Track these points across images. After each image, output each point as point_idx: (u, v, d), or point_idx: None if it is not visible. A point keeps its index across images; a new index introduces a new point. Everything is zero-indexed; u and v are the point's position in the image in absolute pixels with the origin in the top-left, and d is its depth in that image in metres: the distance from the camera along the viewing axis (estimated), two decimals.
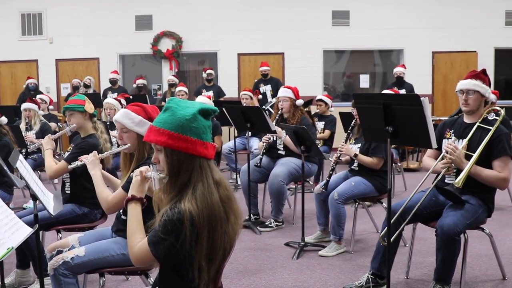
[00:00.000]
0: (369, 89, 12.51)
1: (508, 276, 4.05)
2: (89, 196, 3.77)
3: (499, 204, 5.88)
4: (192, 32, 12.02)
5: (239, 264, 4.46)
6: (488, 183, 3.59)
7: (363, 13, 12.01)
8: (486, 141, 3.59)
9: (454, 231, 3.39)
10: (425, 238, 4.88)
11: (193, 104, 2.11)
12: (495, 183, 3.59)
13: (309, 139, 4.70)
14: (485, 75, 3.80)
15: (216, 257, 2.05)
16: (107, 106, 7.18)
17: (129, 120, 3.06)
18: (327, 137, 7.65)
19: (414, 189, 3.70)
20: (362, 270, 4.18)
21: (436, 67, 12.20)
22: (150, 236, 2.03)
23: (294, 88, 5.73)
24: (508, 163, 3.59)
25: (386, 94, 4.43)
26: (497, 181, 3.58)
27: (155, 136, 2.07)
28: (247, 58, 12.19)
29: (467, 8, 12.01)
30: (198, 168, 2.05)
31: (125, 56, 12.59)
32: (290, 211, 6.06)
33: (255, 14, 11.99)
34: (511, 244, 4.90)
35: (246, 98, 8.25)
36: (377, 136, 3.47)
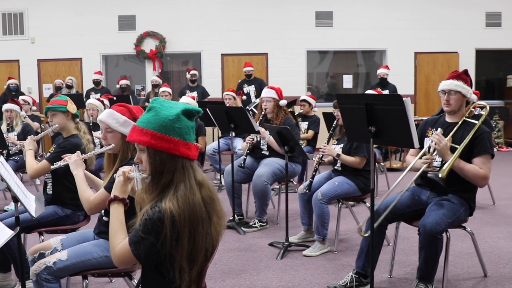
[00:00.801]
0: (352, 90, 12.59)
1: (489, 274, 4.10)
2: (71, 197, 3.74)
3: (480, 203, 5.95)
4: (176, 32, 11.99)
5: (223, 264, 4.46)
6: (468, 178, 3.63)
7: (346, 14, 12.08)
8: (471, 134, 3.64)
9: (436, 230, 3.42)
10: (408, 237, 4.91)
11: (177, 104, 2.11)
12: (475, 179, 3.62)
13: (293, 139, 4.70)
14: (466, 75, 3.85)
15: (197, 258, 2.04)
16: (90, 107, 7.13)
17: (114, 120, 3.04)
18: (311, 137, 7.67)
19: (398, 188, 3.72)
20: (346, 270, 4.20)
21: (418, 68, 12.32)
22: (131, 235, 2.02)
23: (278, 88, 5.73)
24: (489, 162, 3.64)
25: (369, 94, 4.46)
26: (477, 178, 3.61)
27: (138, 136, 2.06)
28: (231, 59, 12.18)
29: (448, 9, 12.16)
30: (181, 168, 2.05)
31: (108, 57, 12.51)
32: (274, 211, 6.07)
33: (238, 15, 12.00)
34: (492, 242, 4.96)
35: (230, 99, 8.26)
36: (360, 136, 3.49)
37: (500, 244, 4.90)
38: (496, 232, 5.31)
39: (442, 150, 3.61)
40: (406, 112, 3.03)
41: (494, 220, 5.77)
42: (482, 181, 3.64)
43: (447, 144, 3.63)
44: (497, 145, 12.10)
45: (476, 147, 3.65)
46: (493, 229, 5.43)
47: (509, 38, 12.33)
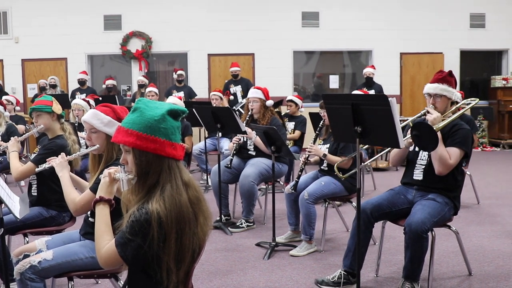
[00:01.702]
0: (339, 90, 12.64)
1: (473, 272, 4.14)
2: (56, 198, 3.71)
3: (465, 202, 6.01)
4: (162, 32, 11.95)
5: (210, 265, 4.45)
6: (437, 160, 3.65)
7: (332, 15, 12.13)
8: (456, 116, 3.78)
9: (422, 229, 3.45)
10: (394, 236, 4.94)
11: (162, 104, 2.10)
12: (440, 162, 3.64)
13: (279, 139, 4.71)
14: (451, 76, 3.90)
15: (185, 258, 2.04)
16: (75, 107, 7.07)
17: (98, 120, 3.02)
18: (297, 138, 7.68)
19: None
20: (333, 269, 4.21)
21: (404, 68, 12.40)
22: (117, 237, 2.01)
23: (264, 88, 5.74)
24: (458, 155, 3.68)
25: (355, 95, 4.48)
26: (444, 164, 3.64)
27: (123, 136, 2.05)
28: (217, 59, 12.17)
29: (433, 11, 12.26)
30: (167, 169, 2.04)
31: (94, 57, 12.43)
32: (261, 211, 6.08)
33: (225, 15, 11.98)
34: (477, 241, 5.01)
35: (216, 99, 8.25)
36: (346, 136, 3.50)
37: (485, 243, 4.95)
38: (481, 231, 5.36)
39: (434, 120, 3.68)
40: (392, 112, 3.05)
41: (478, 219, 5.83)
42: (444, 169, 3.66)
43: (439, 116, 3.72)
44: (481, 145, 12.21)
45: (449, 137, 3.71)
46: (477, 228, 5.48)
47: (493, 39, 12.47)
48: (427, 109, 3.81)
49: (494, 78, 12.51)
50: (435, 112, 3.75)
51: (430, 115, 3.73)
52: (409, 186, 3.94)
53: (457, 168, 3.77)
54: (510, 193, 7.22)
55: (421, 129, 3.47)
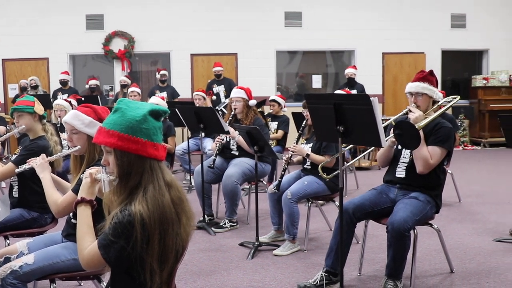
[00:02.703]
0: (322, 89, 12.69)
1: (455, 269, 4.19)
2: (38, 200, 3.67)
3: (446, 201, 6.06)
4: (145, 32, 11.89)
5: (193, 265, 4.44)
6: (418, 159, 3.68)
7: (315, 15, 12.17)
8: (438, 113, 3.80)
9: (404, 228, 3.47)
10: (376, 235, 4.97)
11: (143, 105, 2.09)
12: (421, 162, 3.68)
13: (262, 139, 4.72)
14: (432, 76, 3.94)
15: (168, 259, 2.03)
16: (58, 108, 7.00)
17: (79, 121, 3.00)
18: (280, 137, 7.70)
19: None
20: (316, 268, 4.22)
21: (386, 68, 12.49)
22: (100, 239, 1.99)
23: (247, 88, 5.74)
24: (439, 154, 3.72)
25: (337, 94, 4.50)
26: (424, 162, 3.67)
27: (105, 137, 2.03)
28: (200, 59, 12.14)
29: (415, 11, 12.37)
30: (149, 169, 2.03)
31: (76, 56, 12.33)
32: (244, 211, 6.08)
33: (208, 15, 11.96)
34: (458, 238, 5.07)
35: (199, 99, 8.23)
36: (329, 135, 3.52)
37: (466, 240, 5.00)
38: (462, 228, 5.43)
39: (416, 119, 3.71)
40: (374, 112, 3.07)
41: (460, 217, 5.89)
42: (425, 168, 3.70)
43: (421, 114, 3.76)
44: (462, 144, 12.35)
45: (431, 135, 3.75)
46: (459, 225, 5.54)
47: (473, 39, 12.62)
48: (409, 108, 3.84)
49: (474, 77, 12.65)
50: (417, 110, 3.79)
51: (412, 113, 3.77)
52: (391, 184, 3.97)
53: (439, 167, 3.81)
54: (490, 191, 7.31)
55: (403, 128, 3.50)
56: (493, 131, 12.01)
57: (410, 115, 3.78)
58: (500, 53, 12.74)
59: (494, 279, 4.01)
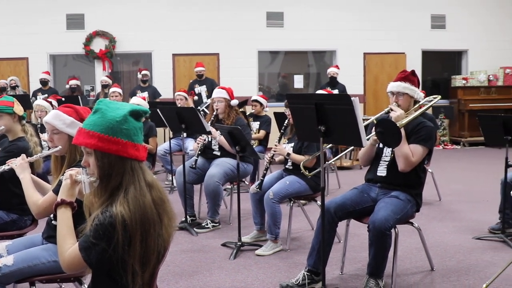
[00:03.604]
0: (303, 89, 12.74)
1: (436, 267, 4.24)
2: (17, 202, 3.62)
3: (427, 199, 6.12)
4: (126, 32, 11.81)
5: (176, 266, 4.43)
6: (400, 157, 3.72)
7: (297, 15, 12.20)
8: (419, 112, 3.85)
9: (385, 226, 3.50)
10: (358, 234, 5.00)
11: (124, 105, 2.08)
12: (404, 161, 3.71)
13: (244, 139, 4.72)
14: (414, 76, 3.99)
15: (150, 260, 2.02)
16: (38, 108, 6.93)
17: (60, 121, 2.97)
18: (262, 137, 7.71)
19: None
20: (299, 268, 4.24)
21: (367, 68, 12.57)
22: (81, 241, 1.97)
23: (229, 88, 5.74)
24: (420, 153, 3.75)
25: (318, 94, 4.52)
26: (405, 160, 3.71)
27: (85, 138, 2.02)
28: (182, 59, 12.11)
29: (396, 11, 12.48)
30: (130, 170, 2.02)
31: (56, 56, 12.20)
32: (226, 211, 6.07)
33: (189, 15, 11.93)
34: (438, 237, 5.12)
35: (181, 99, 8.21)
36: (310, 135, 3.53)
37: (446, 239, 5.06)
38: (442, 227, 5.49)
39: (398, 117, 3.75)
40: (355, 112, 3.09)
41: (440, 216, 5.95)
42: (407, 166, 3.73)
43: (403, 113, 3.79)
44: (442, 143, 12.48)
45: (413, 135, 3.79)
46: (439, 224, 5.60)
47: (453, 40, 12.76)
48: (390, 106, 3.88)
49: (454, 77, 12.80)
50: (399, 109, 3.83)
51: (394, 112, 3.81)
52: (372, 182, 4.00)
53: (420, 166, 3.85)
54: (470, 190, 7.40)
55: (385, 126, 3.53)
56: (472, 131, 12.16)
57: (391, 114, 3.83)
58: (479, 53, 12.91)
59: (473, 276, 4.06)
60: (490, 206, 5.94)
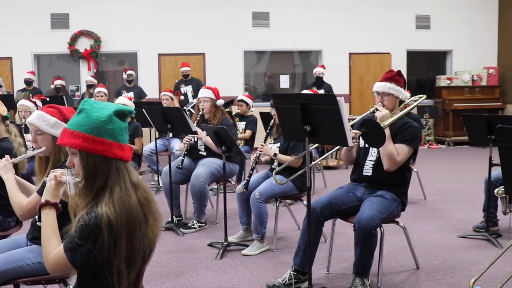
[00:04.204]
0: (289, 89, 12.76)
1: (421, 266, 4.27)
2: (1, 203, 3.58)
3: (412, 198, 6.16)
4: (111, 31, 11.74)
5: (162, 267, 4.41)
6: (386, 157, 3.74)
7: (283, 15, 12.22)
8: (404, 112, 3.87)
9: (371, 225, 3.52)
10: (344, 233, 5.02)
11: (108, 105, 2.07)
12: (389, 160, 3.73)
13: (230, 139, 4.72)
14: (400, 76, 4.01)
15: (135, 261, 2.01)
16: (22, 108, 6.86)
17: (44, 122, 2.95)
18: (248, 137, 7.71)
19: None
20: (285, 267, 4.24)
21: (353, 68, 12.62)
22: (66, 242, 1.96)
23: (215, 88, 5.73)
24: (405, 152, 3.78)
25: (304, 94, 4.53)
26: (392, 161, 3.73)
27: (69, 139, 2.00)
28: (168, 59, 12.06)
29: (381, 11, 12.55)
30: (115, 170, 2.01)
31: (41, 56, 12.09)
32: (212, 211, 6.07)
33: (175, 14, 11.89)
34: (424, 236, 5.16)
35: (167, 99, 8.18)
36: (296, 135, 3.54)
37: (431, 237, 5.10)
38: (427, 226, 5.53)
39: (383, 117, 3.76)
40: (340, 112, 3.10)
41: (425, 215, 6.00)
42: (392, 165, 3.75)
43: (388, 113, 3.81)
44: (427, 143, 12.57)
45: (399, 135, 3.81)
46: (424, 223, 5.64)
47: (437, 40, 12.87)
48: (376, 107, 3.90)
49: (439, 77, 12.91)
50: (384, 109, 3.85)
51: (379, 112, 3.83)
52: (358, 182, 4.02)
53: (405, 165, 3.88)
54: (455, 189, 7.47)
55: (369, 126, 3.55)
56: (457, 130, 12.28)
57: (376, 114, 3.84)
58: (463, 54, 13.03)
59: (458, 274, 4.10)
60: (475, 205, 6.00)
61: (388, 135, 3.72)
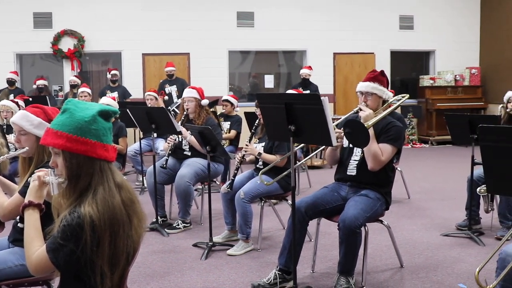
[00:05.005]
0: (274, 89, 12.77)
1: (405, 264, 4.31)
2: None
3: (396, 197, 6.21)
4: (95, 31, 11.64)
5: (147, 267, 4.40)
6: (370, 156, 3.77)
7: (267, 15, 12.23)
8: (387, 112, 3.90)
9: (355, 224, 3.54)
10: (329, 232, 5.04)
11: (92, 105, 2.06)
12: (374, 161, 3.76)
13: (214, 139, 4.71)
14: (383, 76, 4.04)
15: (119, 262, 2.00)
16: (4, 109, 6.79)
17: (28, 122, 2.93)
18: (233, 137, 7.71)
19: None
20: (270, 267, 4.25)
21: (337, 68, 12.67)
22: (49, 243, 1.94)
23: (199, 88, 5.72)
24: (389, 152, 3.81)
25: (288, 94, 4.54)
26: (376, 160, 3.76)
27: (53, 139, 1.99)
28: (152, 58, 12.01)
29: (365, 12, 12.62)
30: (99, 171, 2.00)
31: (23, 56, 11.96)
32: (197, 211, 6.05)
33: (159, 14, 11.84)
34: (408, 234, 5.20)
35: (151, 99, 8.15)
36: (280, 135, 3.55)
37: (415, 236, 5.14)
38: (411, 224, 5.57)
39: (367, 117, 3.79)
40: (324, 111, 3.12)
41: (409, 213, 6.05)
42: (376, 165, 3.78)
43: (372, 112, 3.84)
44: (411, 142, 12.67)
45: (383, 134, 3.84)
46: (408, 221, 5.69)
47: (420, 40, 12.98)
48: (359, 106, 3.92)
49: (422, 77, 13.01)
50: (367, 109, 3.87)
51: (363, 112, 3.85)
52: (342, 182, 4.04)
53: (389, 165, 3.90)
54: (438, 188, 7.53)
55: (353, 126, 3.56)
56: (440, 130, 12.39)
57: (360, 113, 3.87)
58: (446, 54, 13.16)
59: (441, 272, 4.14)
60: (457, 204, 6.06)
61: (372, 134, 3.74)
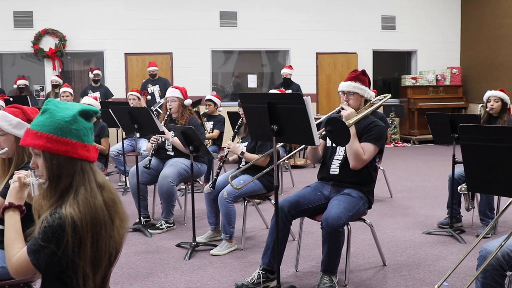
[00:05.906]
0: (257, 89, 12.79)
1: (388, 263, 4.34)
2: None
3: (378, 196, 6.26)
4: (77, 30, 11.54)
5: (130, 268, 4.37)
6: (352, 155, 3.79)
7: (250, 15, 12.24)
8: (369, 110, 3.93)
9: (338, 223, 3.56)
10: (312, 231, 5.06)
11: (73, 105, 2.04)
12: (355, 159, 3.78)
13: (197, 139, 4.70)
14: (364, 75, 4.06)
15: (101, 263, 1.99)
16: None
17: (6, 122, 2.89)
18: (216, 137, 7.70)
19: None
20: (254, 266, 4.26)
21: (320, 68, 12.73)
22: (30, 244, 1.92)
23: (182, 88, 5.71)
24: (371, 151, 3.83)
25: (271, 94, 4.54)
26: (358, 159, 3.78)
27: (33, 139, 1.97)
28: (135, 58, 11.94)
29: (347, 12, 12.70)
30: (80, 171, 1.98)
31: (3, 55, 11.82)
32: (180, 211, 6.04)
33: (142, 13, 11.78)
34: (390, 232, 5.24)
35: (134, 99, 8.10)
36: (263, 134, 3.55)
37: (397, 234, 5.18)
38: (393, 223, 5.61)
39: (349, 116, 3.80)
40: (307, 111, 3.12)
41: (391, 212, 6.09)
42: (358, 164, 3.80)
43: (353, 111, 3.86)
44: (393, 141, 12.77)
45: (365, 134, 3.87)
46: (390, 220, 5.73)
47: (402, 40, 13.10)
48: (341, 105, 3.95)
49: (404, 77, 13.13)
50: (349, 108, 3.89)
51: (345, 111, 3.87)
52: (325, 181, 4.06)
53: (371, 164, 3.93)
54: (420, 186, 7.60)
55: (334, 125, 3.57)
56: (422, 129, 12.51)
57: (342, 112, 3.89)
58: (427, 54, 13.29)
59: (423, 270, 4.18)
60: (439, 202, 6.13)
61: (354, 133, 3.77)
